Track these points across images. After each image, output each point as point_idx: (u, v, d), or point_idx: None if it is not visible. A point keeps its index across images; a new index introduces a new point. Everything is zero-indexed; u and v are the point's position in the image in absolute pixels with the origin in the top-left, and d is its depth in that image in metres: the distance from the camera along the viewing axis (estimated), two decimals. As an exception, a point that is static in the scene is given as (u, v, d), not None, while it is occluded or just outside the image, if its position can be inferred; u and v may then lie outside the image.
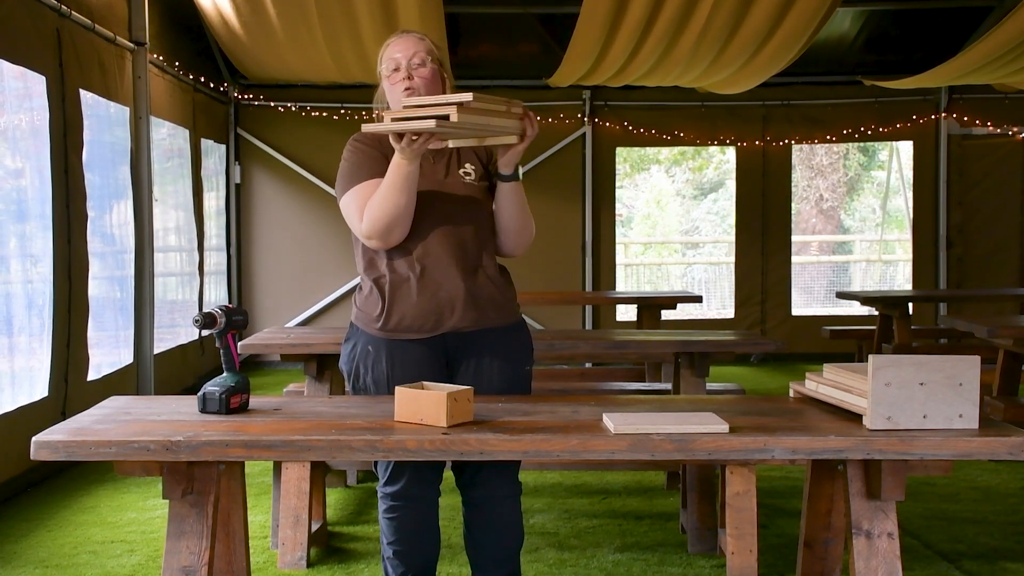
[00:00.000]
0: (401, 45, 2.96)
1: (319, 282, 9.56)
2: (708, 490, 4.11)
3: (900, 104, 9.74)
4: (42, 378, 5.22)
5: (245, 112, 9.48)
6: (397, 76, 2.94)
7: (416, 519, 2.95)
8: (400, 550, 2.97)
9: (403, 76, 2.92)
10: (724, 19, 7.16)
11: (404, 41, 2.97)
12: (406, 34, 3.01)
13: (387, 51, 2.98)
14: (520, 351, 3.02)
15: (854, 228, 16.61)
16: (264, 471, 5.28)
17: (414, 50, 2.94)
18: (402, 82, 2.93)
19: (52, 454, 2.31)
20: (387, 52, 2.97)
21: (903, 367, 2.39)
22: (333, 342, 4.04)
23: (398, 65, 2.94)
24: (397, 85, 2.94)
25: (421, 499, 2.95)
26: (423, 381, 2.70)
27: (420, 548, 2.99)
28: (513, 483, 3.00)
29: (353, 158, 2.98)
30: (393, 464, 2.91)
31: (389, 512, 2.96)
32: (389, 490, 2.94)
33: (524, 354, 3.04)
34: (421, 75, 2.93)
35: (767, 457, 2.37)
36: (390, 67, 2.96)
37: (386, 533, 2.98)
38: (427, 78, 2.93)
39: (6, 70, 4.97)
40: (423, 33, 3.05)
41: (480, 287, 2.92)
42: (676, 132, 9.65)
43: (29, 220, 5.25)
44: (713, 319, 10.98)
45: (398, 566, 2.99)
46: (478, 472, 2.96)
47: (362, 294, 2.98)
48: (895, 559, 2.46)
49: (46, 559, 4.04)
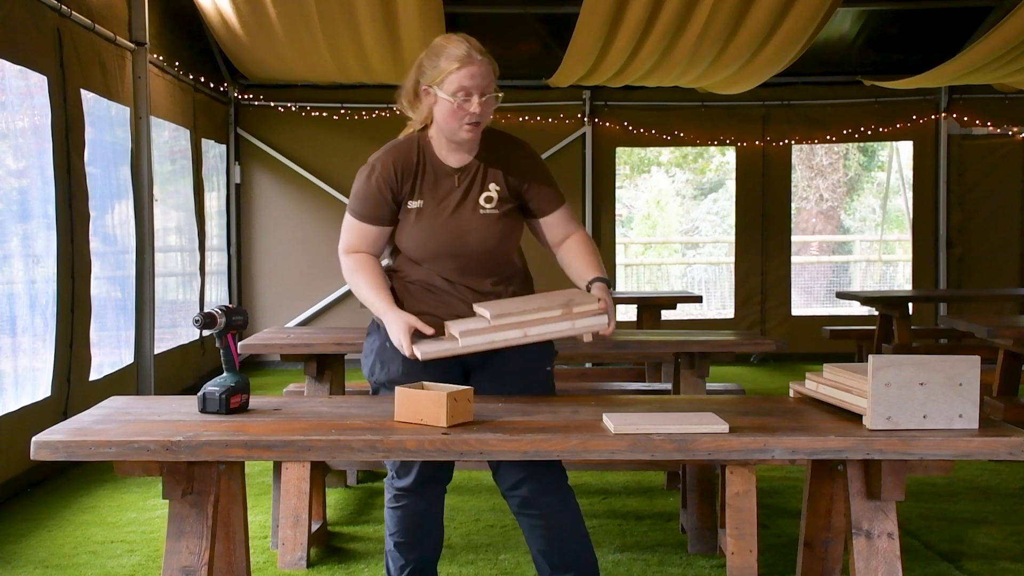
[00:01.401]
0: (478, 73, 2.80)
1: (319, 282, 9.56)
2: (708, 490, 4.11)
3: (900, 104, 9.74)
4: (45, 378, 5.22)
5: (245, 112, 9.48)
6: (467, 106, 2.80)
7: (420, 512, 2.98)
8: (401, 542, 3.00)
9: (473, 110, 2.80)
10: (724, 19, 7.16)
11: (480, 69, 2.81)
12: (481, 59, 2.82)
13: (460, 73, 2.79)
14: (537, 353, 2.98)
15: (854, 228, 16.61)
16: (264, 471, 5.28)
17: (488, 83, 2.82)
18: (469, 115, 2.81)
19: (52, 454, 2.31)
20: (460, 75, 2.79)
21: (903, 367, 2.39)
22: (333, 342, 4.04)
23: (470, 94, 2.80)
24: (460, 115, 2.81)
25: (428, 493, 2.98)
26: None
27: (422, 542, 3.02)
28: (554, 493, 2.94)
29: (362, 191, 2.95)
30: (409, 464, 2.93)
31: (394, 502, 2.99)
32: (398, 483, 2.97)
33: (542, 355, 3.01)
34: (487, 108, 2.84)
35: (767, 457, 2.37)
36: (459, 92, 2.80)
37: (389, 524, 3.02)
38: (490, 111, 2.86)
39: (7, 70, 4.97)
40: (487, 53, 2.87)
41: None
42: (676, 132, 9.65)
43: (31, 220, 5.26)
44: (713, 319, 10.97)
45: (398, 559, 3.02)
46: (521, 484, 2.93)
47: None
48: (895, 559, 2.46)
49: (46, 559, 4.04)
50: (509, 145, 3.01)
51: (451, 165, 2.93)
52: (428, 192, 2.92)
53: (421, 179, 2.92)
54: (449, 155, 2.93)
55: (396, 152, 2.95)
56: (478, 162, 2.94)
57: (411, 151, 2.93)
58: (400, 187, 2.91)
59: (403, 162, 2.92)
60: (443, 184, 2.92)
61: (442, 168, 2.93)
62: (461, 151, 2.93)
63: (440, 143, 2.93)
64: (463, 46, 2.82)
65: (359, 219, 2.94)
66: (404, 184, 2.91)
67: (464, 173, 2.93)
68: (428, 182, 2.92)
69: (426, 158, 2.93)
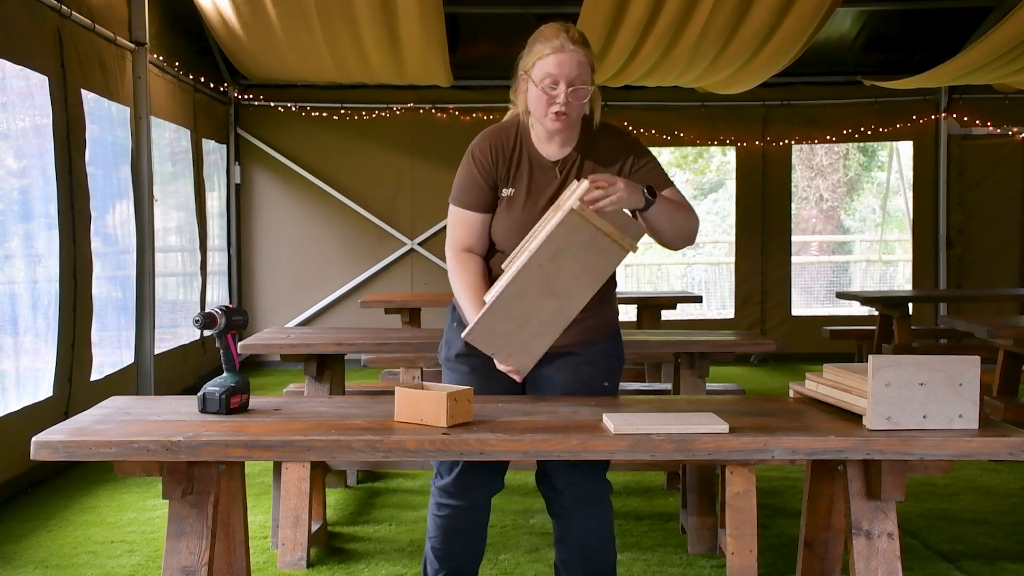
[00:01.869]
0: (566, 62, 2.73)
1: (319, 282, 9.56)
2: (708, 490, 4.11)
3: (900, 104, 9.74)
4: (46, 378, 5.23)
5: (245, 112, 9.48)
6: (552, 93, 2.73)
7: (460, 521, 2.95)
8: (439, 547, 2.98)
9: (559, 99, 2.73)
10: (724, 19, 7.16)
11: (570, 58, 2.73)
12: (574, 49, 2.74)
13: (548, 60, 2.73)
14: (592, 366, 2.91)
15: (854, 228, 16.61)
16: (264, 471, 5.28)
17: (577, 73, 2.73)
18: (554, 104, 2.74)
19: (52, 454, 2.31)
20: (548, 61, 2.73)
21: (903, 367, 2.39)
22: (333, 342, 4.05)
23: (556, 82, 2.73)
24: (546, 103, 2.75)
25: (470, 504, 2.93)
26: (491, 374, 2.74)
27: (461, 551, 2.98)
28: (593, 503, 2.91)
29: (460, 176, 2.90)
30: (452, 463, 2.89)
31: (436, 509, 2.96)
32: (439, 481, 2.94)
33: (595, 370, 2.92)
34: (577, 101, 2.75)
35: (767, 457, 2.37)
36: (546, 79, 2.74)
37: (429, 528, 3.00)
38: (580, 109, 2.78)
39: (8, 70, 4.97)
40: (583, 44, 2.77)
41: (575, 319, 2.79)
42: (676, 132, 9.65)
43: (33, 219, 5.26)
44: (713, 319, 10.97)
45: (433, 562, 3.00)
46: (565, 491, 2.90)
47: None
48: (895, 559, 2.46)
49: (46, 559, 4.04)
50: (605, 136, 2.90)
51: (547, 156, 2.86)
52: (521, 181, 2.86)
53: (517, 166, 2.86)
54: (545, 145, 2.86)
55: (494, 136, 2.89)
56: (577, 155, 2.86)
57: (509, 136, 2.87)
58: (496, 171, 2.85)
59: (499, 146, 2.86)
60: (537, 175, 2.85)
61: (538, 158, 2.86)
62: (556, 142, 2.85)
63: (538, 132, 2.86)
64: (559, 34, 2.75)
65: (460, 206, 2.89)
66: (499, 169, 2.85)
67: (563, 165, 2.85)
68: (523, 170, 2.86)
69: (523, 145, 2.87)
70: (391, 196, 9.53)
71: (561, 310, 2.65)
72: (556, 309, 2.64)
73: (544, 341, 2.68)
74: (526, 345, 2.67)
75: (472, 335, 2.66)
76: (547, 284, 2.61)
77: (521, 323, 2.64)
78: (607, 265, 2.64)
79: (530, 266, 2.59)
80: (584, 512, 2.91)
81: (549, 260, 2.59)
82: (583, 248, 2.59)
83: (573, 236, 2.57)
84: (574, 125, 2.83)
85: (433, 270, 9.54)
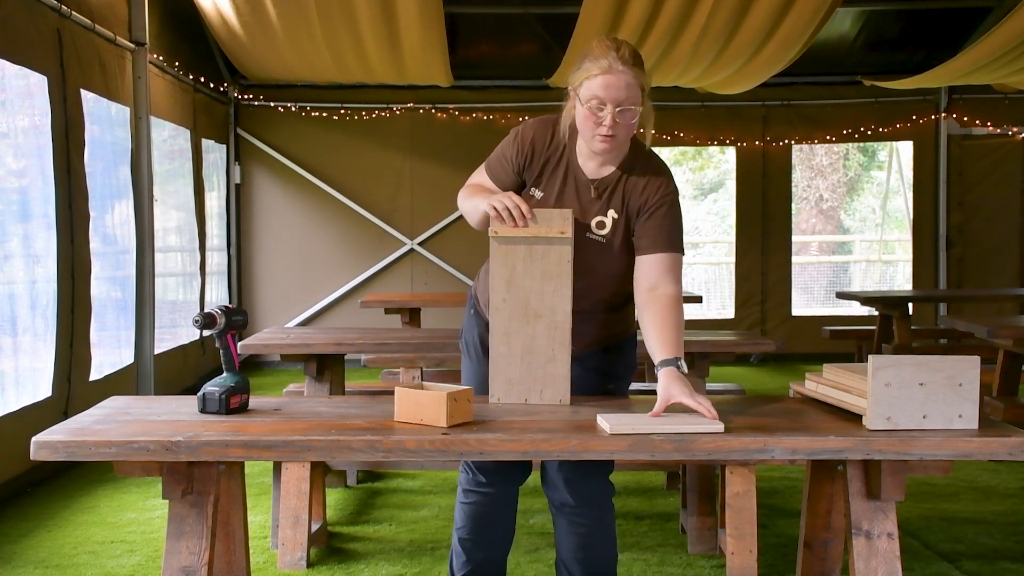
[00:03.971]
0: (614, 84, 2.60)
1: (319, 282, 9.56)
2: (708, 490, 4.11)
3: (900, 104, 9.74)
4: (46, 378, 5.23)
5: (245, 112, 9.48)
6: (598, 115, 2.62)
7: (488, 511, 2.98)
8: (466, 538, 3.01)
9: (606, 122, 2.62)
10: (724, 19, 7.16)
11: (619, 80, 2.60)
12: (623, 70, 2.60)
13: (596, 81, 2.61)
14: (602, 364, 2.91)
15: (854, 228, 16.60)
16: (264, 471, 5.28)
17: (626, 96, 2.61)
18: (601, 126, 2.63)
19: (52, 454, 2.31)
20: (595, 82, 2.61)
21: (903, 367, 2.39)
22: (333, 342, 4.05)
23: (603, 104, 2.61)
24: (593, 124, 2.64)
25: (497, 494, 2.97)
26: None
27: (488, 542, 3.01)
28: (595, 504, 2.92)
29: (501, 150, 2.84)
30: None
31: (464, 498, 3.00)
32: (469, 478, 2.97)
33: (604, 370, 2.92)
34: (625, 123, 2.64)
35: (767, 457, 2.37)
36: (592, 100, 2.62)
37: (457, 518, 3.03)
38: (628, 130, 2.67)
39: (7, 70, 4.97)
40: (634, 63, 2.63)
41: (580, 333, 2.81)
42: (676, 132, 9.65)
43: (32, 219, 5.26)
44: (713, 319, 10.96)
45: (460, 554, 3.02)
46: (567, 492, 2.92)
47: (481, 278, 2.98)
48: (895, 559, 2.46)
49: (46, 559, 4.04)
50: (650, 168, 2.79)
51: (586, 172, 2.77)
52: (552, 187, 2.78)
53: (552, 171, 2.78)
54: (586, 161, 2.77)
55: (543, 128, 2.80)
56: (616, 176, 2.76)
57: (557, 136, 2.78)
58: (528, 163, 2.78)
59: (543, 142, 2.78)
60: (570, 188, 2.76)
61: (576, 170, 2.77)
62: (597, 160, 2.76)
63: (581, 145, 2.76)
64: (609, 52, 2.61)
65: (487, 171, 2.87)
66: (535, 164, 2.78)
67: (601, 185, 2.76)
68: (556, 177, 2.78)
69: (565, 152, 2.78)
70: (391, 196, 9.53)
71: (555, 326, 2.71)
72: (548, 328, 2.71)
73: (560, 364, 2.72)
74: (547, 375, 2.72)
75: (496, 398, 2.73)
76: (522, 312, 2.71)
77: (526, 359, 2.72)
78: (560, 261, 2.69)
79: (497, 308, 2.71)
80: (586, 513, 2.92)
81: (507, 291, 2.70)
82: (526, 262, 2.69)
83: (509, 259, 2.69)
84: (621, 146, 2.73)
85: (433, 270, 9.54)
